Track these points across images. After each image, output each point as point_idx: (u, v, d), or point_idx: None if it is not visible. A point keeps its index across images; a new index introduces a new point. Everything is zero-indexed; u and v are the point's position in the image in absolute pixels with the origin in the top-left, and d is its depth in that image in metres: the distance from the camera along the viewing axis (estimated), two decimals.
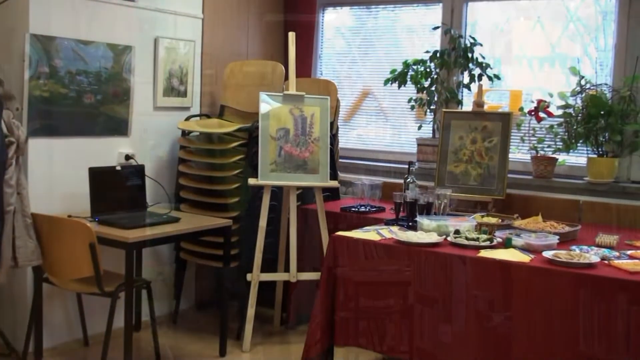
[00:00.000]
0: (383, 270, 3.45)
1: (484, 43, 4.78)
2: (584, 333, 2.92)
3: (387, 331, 3.45)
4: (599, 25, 4.48)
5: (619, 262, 3.08)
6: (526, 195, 4.41)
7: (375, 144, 5.39)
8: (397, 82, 4.82)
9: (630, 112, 4.22)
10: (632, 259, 3.19)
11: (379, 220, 4.07)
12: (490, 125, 4.31)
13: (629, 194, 4.18)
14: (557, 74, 4.63)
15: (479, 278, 3.18)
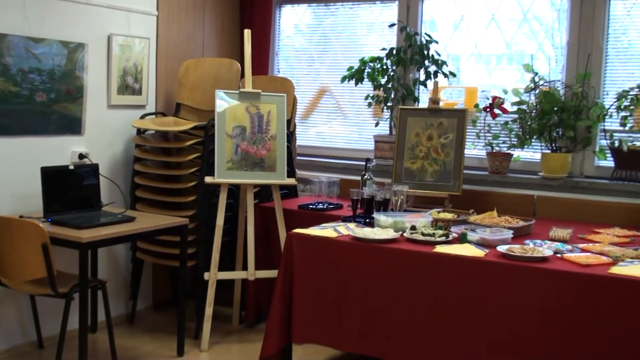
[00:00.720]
0: (340, 267, 3.46)
1: (441, 40, 4.82)
2: (538, 325, 2.97)
3: (345, 328, 3.46)
4: (555, 23, 4.54)
5: (571, 255, 3.13)
6: (482, 190, 4.46)
7: (333, 142, 5.39)
8: (354, 80, 4.83)
9: (582, 108, 4.29)
10: (585, 252, 3.25)
11: (337, 217, 4.07)
12: (446, 121, 4.34)
13: (582, 188, 4.25)
14: (513, 71, 4.68)
15: (435, 273, 3.21)
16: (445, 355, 3.18)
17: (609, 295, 2.83)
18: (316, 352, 4.15)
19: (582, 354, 2.87)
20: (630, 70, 4.32)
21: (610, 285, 2.83)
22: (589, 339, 2.86)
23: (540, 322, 2.96)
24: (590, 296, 2.86)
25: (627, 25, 4.33)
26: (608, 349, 2.82)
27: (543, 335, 2.96)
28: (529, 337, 2.99)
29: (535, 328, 2.97)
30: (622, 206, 4.06)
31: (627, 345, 2.78)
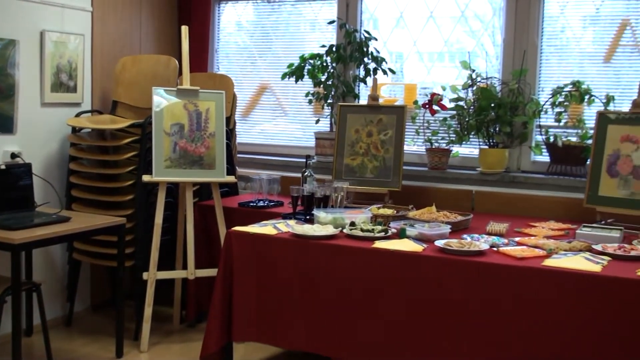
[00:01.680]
0: (280, 265, 3.44)
1: (383, 38, 4.85)
2: (475, 318, 3.00)
3: (285, 325, 3.45)
4: (494, 21, 4.60)
5: (507, 249, 3.18)
6: (421, 186, 4.49)
7: (274, 139, 5.37)
8: (295, 77, 4.82)
9: (518, 105, 4.36)
10: (520, 245, 3.30)
11: (277, 214, 4.06)
12: (385, 118, 4.36)
13: (519, 183, 4.33)
14: (454, 68, 4.72)
15: (374, 269, 3.22)
16: (385, 349, 3.20)
17: (543, 287, 2.88)
18: (257, 350, 4.13)
19: (520, 344, 2.91)
20: (564, 68, 4.41)
21: (544, 277, 2.88)
22: (525, 329, 2.90)
23: (478, 314, 3.00)
24: (525, 288, 2.91)
25: (562, 24, 4.42)
26: (544, 337, 2.87)
27: (481, 328, 2.99)
28: (468, 330, 3.02)
29: (473, 321, 3.00)
30: (557, 200, 4.14)
31: (561, 333, 2.84)
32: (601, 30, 4.33)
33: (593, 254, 3.09)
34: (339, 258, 3.31)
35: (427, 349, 3.11)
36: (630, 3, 4.21)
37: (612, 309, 2.76)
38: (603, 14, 4.31)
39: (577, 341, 2.81)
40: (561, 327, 2.84)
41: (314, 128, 5.00)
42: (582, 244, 3.25)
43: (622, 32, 4.27)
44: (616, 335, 2.75)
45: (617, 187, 3.76)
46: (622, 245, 3.22)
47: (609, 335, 2.76)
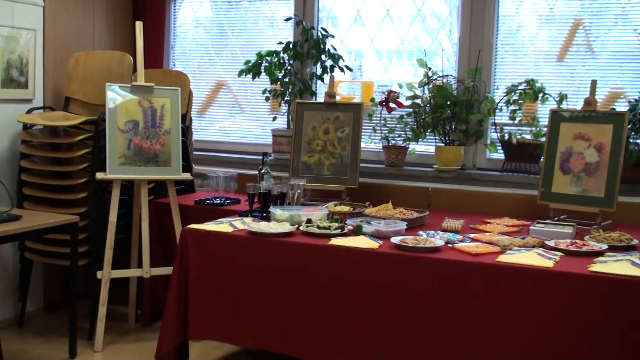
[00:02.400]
0: (236, 262, 3.42)
1: (342, 35, 4.85)
2: (431, 313, 3.02)
3: (242, 323, 3.43)
4: (452, 20, 4.63)
5: (462, 245, 3.20)
6: (378, 183, 4.51)
7: (231, 136, 5.34)
8: (252, 74, 4.80)
9: (474, 102, 4.41)
10: (475, 241, 3.32)
11: (234, 212, 4.03)
12: (342, 115, 4.37)
13: (475, 180, 4.37)
14: (410, 66, 4.74)
15: (330, 265, 3.22)
16: (341, 346, 3.20)
17: (496, 282, 2.91)
18: (214, 349, 4.10)
19: (475, 338, 2.94)
20: (519, 66, 4.47)
21: (497, 273, 2.91)
22: (479, 323, 2.93)
23: (433, 310, 3.02)
24: (480, 284, 2.94)
25: (516, 23, 4.47)
26: (498, 331, 2.90)
27: (437, 323, 3.01)
28: (423, 326, 3.04)
29: (428, 316, 3.02)
30: (512, 197, 4.19)
31: (515, 327, 2.87)
32: (555, 29, 4.39)
33: (546, 250, 3.13)
34: (296, 255, 3.30)
35: (384, 344, 3.11)
36: (584, 3, 4.28)
37: (564, 304, 2.80)
38: (557, 13, 4.37)
39: (530, 335, 2.84)
40: (514, 322, 2.87)
41: (271, 125, 4.98)
42: (535, 240, 3.29)
43: (574, 32, 4.34)
44: (568, 328, 2.79)
45: (570, 184, 3.82)
46: (574, 241, 3.27)
47: (561, 328, 2.80)
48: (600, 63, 4.26)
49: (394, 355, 3.09)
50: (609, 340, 2.72)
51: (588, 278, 2.78)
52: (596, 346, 2.74)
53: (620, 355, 2.71)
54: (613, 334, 2.72)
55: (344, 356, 3.20)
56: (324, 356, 3.26)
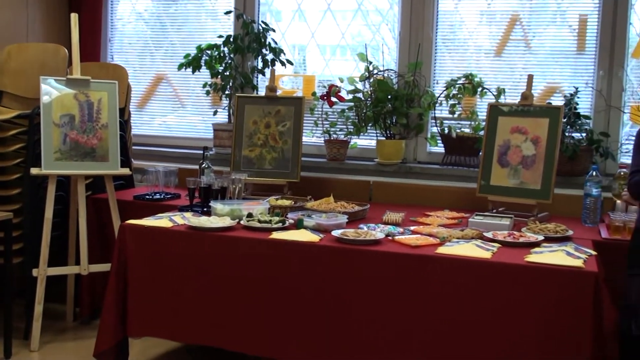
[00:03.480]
0: (176, 258, 3.38)
1: (285, 30, 4.84)
2: (373, 305, 3.03)
3: (183, 319, 3.39)
4: (393, 14, 4.66)
5: (402, 237, 3.22)
6: (320, 177, 4.51)
7: (172, 130, 5.27)
8: (192, 68, 4.74)
9: (414, 97, 4.44)
10: (415, 234, 3.35)
11: (174, 207, 3.98)
12: (283, 109, 4.35)
13: (415, 173, 4.41)
14: (353, 61, 4.74)
15: (271, 259, 3.20)
16: (282, 340, 3.19)
17: (436, 273, 2.93)
18: (156, 346, 4.05)
19: (415, 329, 2.96)
20: (458, 61, 4.53)
21: (437, 264, 2.94)
22: (420, 315, 2.96)
23: (375, 301, 3.03)
24: (420, 275, 2.96)
25: (456, 18, 4.53)
26: (437, 322, 2.93)
27: (378, 314, 3.02)
28: (364, 317, 3.05)
29: (371, 308, 3.03)
30: (452, 190, 4.25)
31: (454, 317, 2.90)
32: (493, 25, 4.46)
33: (484, 242, 3.18)
34: (236, 249, 3.27)
35: (324, 337, 3.11)
36: None
37: (502, 293, 2.84)
38: (494, 9, 4.44)
39: (469, 324, 2.88)
40: (454, 312, 2.91)
41: (212, 119, 4.93)
42: (474, 231, 3.33)
43: (512, 27, 4.41)
44: (505, 318, 2.84)
45: (508, 176, 3.88)
46: (512, 232, 3.32)
47: (499, 317, 2.84)
48: (538, 58, 4.35)
49: (333, 346, 3.09)
50: (545, 328, 2.78)
51: (524, 268, 2.83)
52: (532, 334, 2.79)
53: (555, 341, 2.76)
54: (548, 322, 2.77)
55: (285, 349, 3.19)
56: (264, 350, 3.26)
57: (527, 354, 2.81)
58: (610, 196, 3.77)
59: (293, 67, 4.92)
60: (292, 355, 3.19)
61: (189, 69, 4.75)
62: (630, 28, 4.14)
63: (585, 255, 2.93)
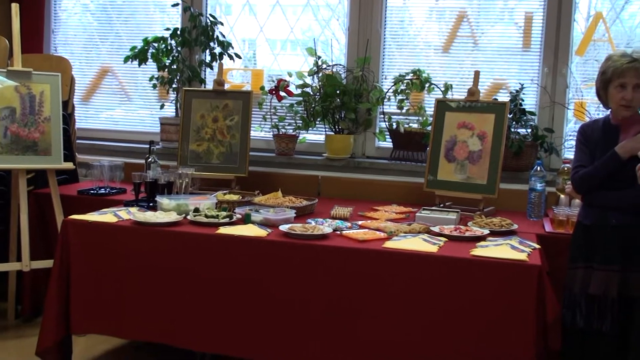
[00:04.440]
0: (121, 253, 3.32)
1: (234, 23, 4.78)
2: (320, 300, 3.03)
3: (128, 315, 3.34)
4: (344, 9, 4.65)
5: (349, 232, 3.23)
6: (269, 172, 4.49)
7: (118, 124, 5.17)
8: (138, 60, 4.66)
9: (363, 92, 4.45)
10: (363, 228, 3.36)
11: (119, 202, 3.91)
12: (231, 103, 4.31)
13: (364, 168, 4.42)
14: (302, 55, 4.72)
15: (218, 255, 3.18)
16: (230, 335, 3.17)
17: (383, 268, 2.94)
18: (100, 342, 3.98)
19: (362, 323, 2.97)
20: (406, 56, 4.55)
21: (384, 259, 2.95)
22: (367, 308, 2.96)
23: (323, 296, 3.03)
24: (367, 269, 2.97)
25: (404, 14, 4.55)
26: (384, 315, 2.94)
27: (325, 308, 3.02)
28: (313, 312, 3.04)
29: (318, 303, 3.03)
30: (400, 184, 4.27)
31: (401, 310, 2.92)
32: (441, 21, 4.49)
33: (431, 236, 3.20)
34: (182, 245, 3.23)
35: (272, 332, 3.10)
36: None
37: (448, 287, 2.87)
38: (443, 5, 4.47)
39: (416, 317, 2.90)
40: (400, 305, 2.92)
41: (159, 113, 4.86)
42: (421, 226, 3.35)
43: (459, 24, 4.45)
44: (451, 311, 2.86)
45: (454, 171, 3.92)
46: (458, 226, 3.36)
47: (445, 310, 2.87)
48: (485, 55, 4.40)
49: (282, 341, 3.08)
50: (489, 320, 2.81)
51: (470, 262, 2.86)
52: (477, 326, 2.83)
53: (499, 333, 2.80)
54: (493, 314, 2.81)
55: (232, 345, 3.17)
56: (212, 346, 3.24)
57: (473, 346, 2.84)
58: (554, 191, 3.84)
59: (243, 62, 4.89)
60: (239, 350, 3.17)
61: (135, 62, 4.67)
62: (575, 26, 4.21)
63: (529, 249, 2.98)
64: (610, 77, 2.98)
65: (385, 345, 2.94)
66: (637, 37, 4.16)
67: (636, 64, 2.93)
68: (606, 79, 3.01)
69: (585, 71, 4.22)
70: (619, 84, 2.95)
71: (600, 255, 2.95)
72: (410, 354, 2.91)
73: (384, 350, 2.95)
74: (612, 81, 2.98)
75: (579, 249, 3.04)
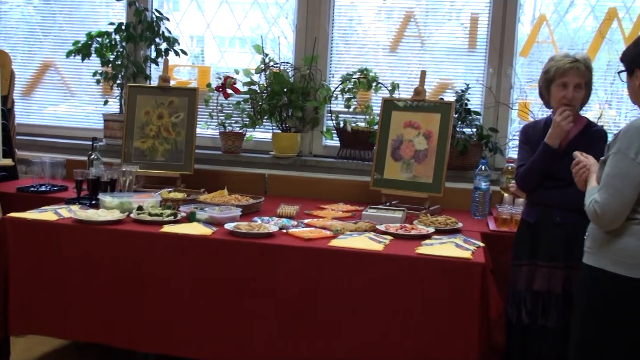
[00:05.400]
0: (62, 252, 3.25)
1: (183, 20, 4.73)
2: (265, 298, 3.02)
3: (69, 316, 3.28)
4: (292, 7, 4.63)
5: (295, 230, 3.22)
6: (215, 170, 4.44)
7: (60, 120, 5.05)
8: (81, 55, 4.56)
9: (310, 90, 4.43)
10: (309, 227, 3.35)
11: (61, 199, 3.82)
12: (177, 100, 4.25)
13: (311, 166, 4.41)
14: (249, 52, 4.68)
15: (163, 253, 3.13)
16: (173, 335, 3.13)
17: (329, 266, 2.94)
18: (40, 344, 3.90)
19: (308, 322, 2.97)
20: (354, 55, 4.55)
21: (329, 257, 2.95)
22: (313, 307, 2.96)
23: (268, 294, 3.01)
24: (313, 267, 2.96)
25: (352, 13, 4.55)
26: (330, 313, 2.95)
27: (271, 307, 3.01)
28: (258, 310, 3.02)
29: (263, 301, 3.01)
30: (347, 183, 4.27)
31: (347, 308, 2.92)
32: (389, 21, 4.51)
33: (377, 234, 3.21)
34: (125, 243, 3.18)
35: (216, 330, 3.07)
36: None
37: (393, 285, 2.88)
38: (390, 5, 4.49)
39: (361, 315, 2.91)
40: (347, 303, 2.92)
41: (103, 109, 4.76)
42: (367, 224, 3.36)
43: (406, 24, 4.47)
44: (397, 308, 2.88)
45: (400, 170, 3.93)
46: (404, 225, 3.37)
47: (391, 308, 2.88)
48: (433, 55, 4.43)
49: (227, 340, 3.06)
50: (435, 317, 2.84)
51: (415, 260, 2.87)
52: (423, 323, 2.85)
53: (444, 330, 2.82)
54: (438, 311, 2.84)
55: (176, 345, 3.14)
56: (155, 346, 3.20)
57: (418, 342, 2.86)
58: (498, 189, 3.88)
59: (191, 58, 4.82)
60: (183, 349, 3.14)
61: (78, 57, 4.57)
62: (519, 28, 4.27)
63: (473, 247, 3.01)
64: (552, 76, 3.04)
65: (330, 342, 2.94)
66: (580, 39, 4.24)
67: (578, 64, 3.00)
68: (549, 78, 3.07)
69: (530, 72, 4.29)
70: (561, 83, 3.02)
71: (545, 252, 3.00)
72: (355, 351, 2.92)
73: (328, 347, 2.94)
74: (554, 80, 3.04)
75: (523, 246, 3.08)
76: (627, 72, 2.58)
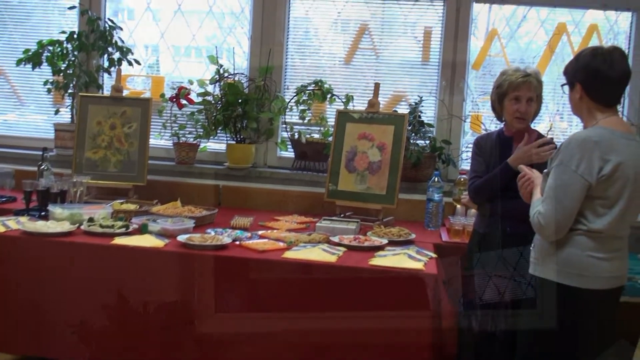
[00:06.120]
0: (9, 265, 3.18)
1: (137, 29, 4.69)
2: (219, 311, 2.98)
3: (17, 330, 3.21)
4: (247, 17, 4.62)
5: (249, 242, 3.20)
6: (168, 181, 4.40)
7: (10, 129, 4.95)
8: (32, 64, 4.48)
9: (265, 101, 4.43)
10: (263, 238, 3.33)
11: (9, 211, 3.74)
12: (130, 110, 4.21)
13: (265, 178, 4.40)
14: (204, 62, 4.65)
15: (114, 266, 3.09)
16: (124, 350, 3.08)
17: (283, 277, 2.94)
18: None
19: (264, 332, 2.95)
20: (309, 67, 4.56)
21: (283, 268, 2.94)
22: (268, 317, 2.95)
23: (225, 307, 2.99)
24: (266, 280, 2.95)
25: (307, 25, 4.57)
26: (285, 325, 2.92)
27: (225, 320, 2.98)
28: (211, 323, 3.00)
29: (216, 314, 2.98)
30: (301, 194, 4.27)
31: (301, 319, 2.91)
32: (344, 33, 4.53)
33: (330, 245, 3.21)
34: (76, 255, 3.13)
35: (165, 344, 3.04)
36: (370, 8, 4.45)
37: (347, 296, 2.89)
38: (345, 18, 4.51)
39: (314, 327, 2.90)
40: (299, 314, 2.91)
41: (54, 119, 4.69)
42: (321, 236, 3.36)
43: (361, 36, 4.50)
44: (350, 320, 2.88)
45: (355, 182, 3.95)
46: (358, 236, 3.38)
47: (344, 319, 2.88)
48: (387, 67, 4.47)
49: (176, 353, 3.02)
50: (387, 328, 2.85)
51: (368, 271, 2.89)
52: (376, 334, 2.86)
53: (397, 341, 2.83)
54: (391, 322, 2.85)
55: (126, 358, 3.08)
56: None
57: (371, 353, 2.86)
58: (451, 201, 3.92)
59: (146, 68, 4.77)
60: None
61: (28, 65, 4.49)
62: (472, 41, 4.33)
63: (426, 258, 3.03)
64: (505, 90, 3.09)
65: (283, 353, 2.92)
66: (531, 53, 4.32)
67: (530, 79, 3.06)
68: (502, 92, 3.11)
69: (482, 85, 4.35)
70: (514, 97, 3.07)
71: (495, 262, 3.04)
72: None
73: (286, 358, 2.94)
74: (507, 94, 3.09)
75: (475, 256, 3.12)
76: (568, 85, 2.64)
